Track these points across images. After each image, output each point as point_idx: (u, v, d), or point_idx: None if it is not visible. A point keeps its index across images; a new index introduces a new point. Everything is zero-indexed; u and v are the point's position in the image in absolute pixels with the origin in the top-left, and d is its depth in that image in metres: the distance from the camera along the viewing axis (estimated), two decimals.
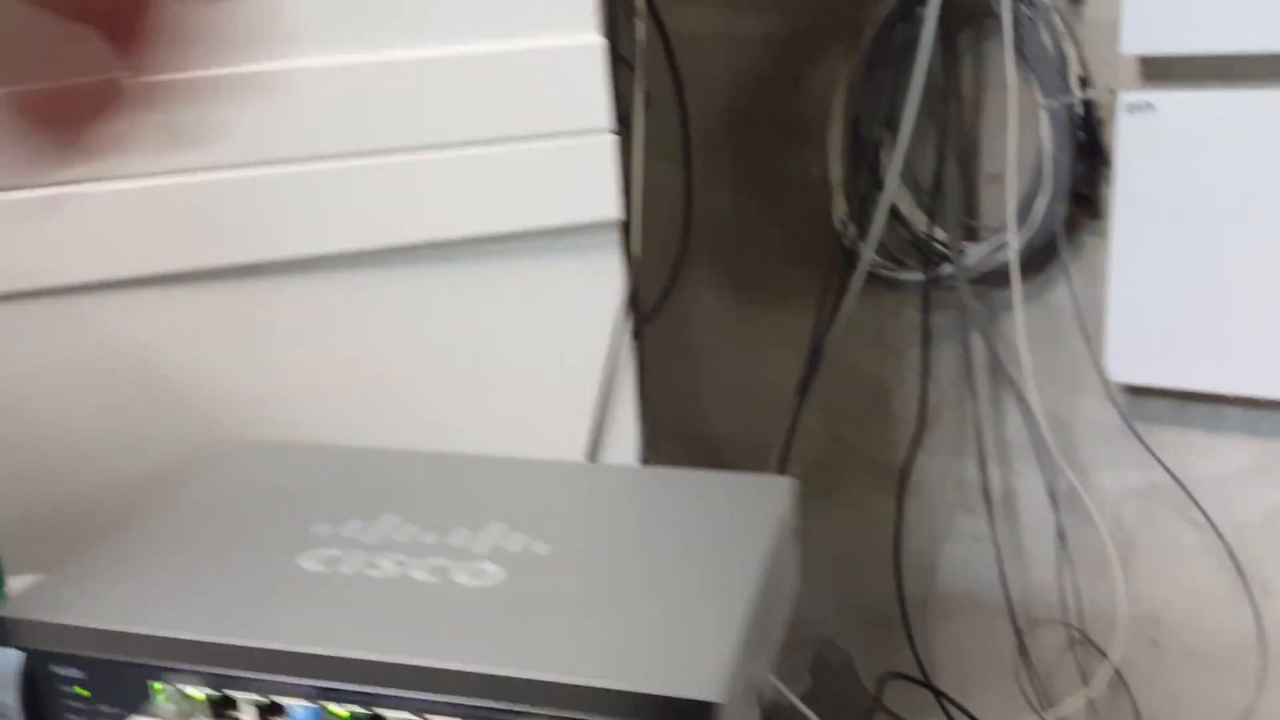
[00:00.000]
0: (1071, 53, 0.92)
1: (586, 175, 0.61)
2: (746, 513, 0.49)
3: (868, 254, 1.00)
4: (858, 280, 1.01)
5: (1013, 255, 0.95)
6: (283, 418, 0.63)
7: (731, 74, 1.11)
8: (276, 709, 0.40)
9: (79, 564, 0.48)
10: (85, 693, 0.42)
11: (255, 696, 0.40)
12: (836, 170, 1.03)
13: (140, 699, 0.41)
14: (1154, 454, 0.96)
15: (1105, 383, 0.98)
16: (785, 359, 1.10)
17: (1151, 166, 0.88)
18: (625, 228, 0.64)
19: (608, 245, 0.64)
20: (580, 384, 0.65)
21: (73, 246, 0.58)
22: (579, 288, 0.64)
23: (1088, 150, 0.94)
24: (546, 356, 0.65)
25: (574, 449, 0.66)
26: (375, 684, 0.39)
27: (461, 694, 0.38)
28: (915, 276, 1.01)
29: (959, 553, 1.12)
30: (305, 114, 0.59)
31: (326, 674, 0.39)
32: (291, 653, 0.40)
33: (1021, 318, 0.97)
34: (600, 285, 0.64)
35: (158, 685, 0.41)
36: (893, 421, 1.12)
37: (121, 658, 0.41)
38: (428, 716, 0.38)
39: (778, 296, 1.13)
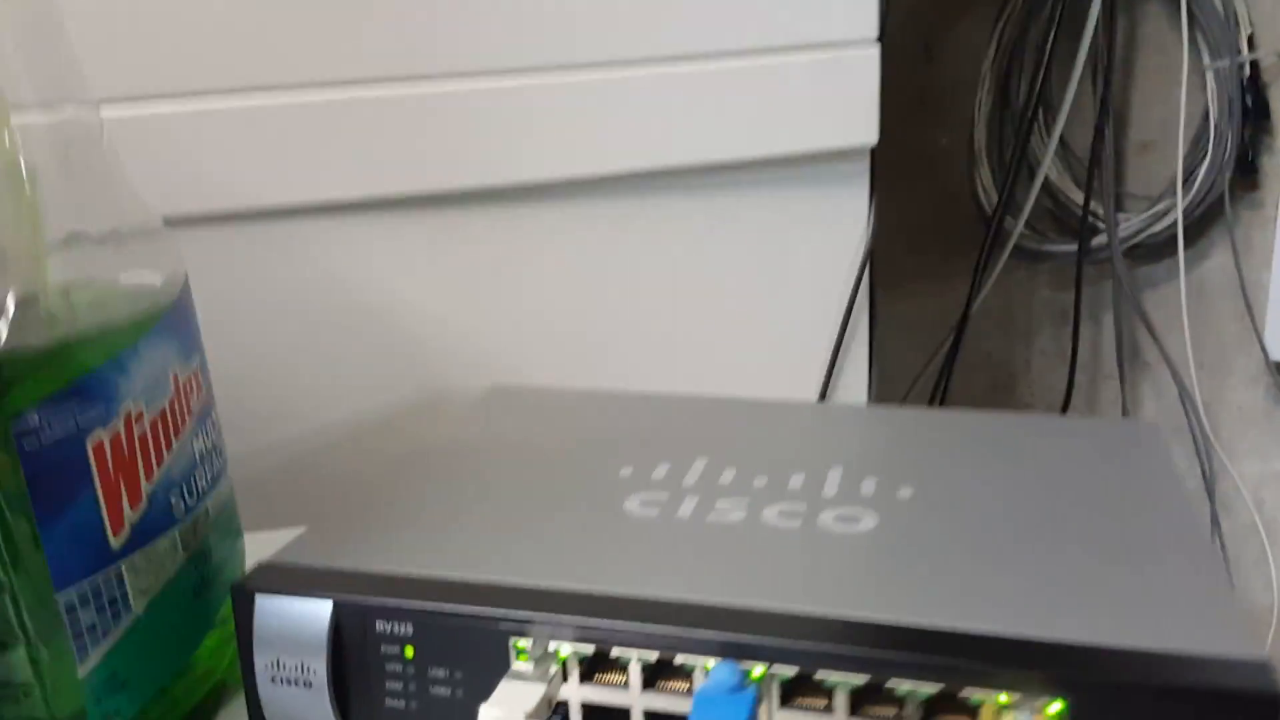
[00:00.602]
0: (1242, 10, 0.88)
1: (847, 93, 0.55)
2: (1133, 460, 0.43)
3: (1018, 225, 0.95)
4: (1001, 254, 0.96)
5: (1180, 225, 0.90)
6: (503, 358, 0.57)
7: None
8: (667, 667, 0.33)
9: (372, 511, 0.41)
10: (410, 653, 0.35)
11: (642, 653, 0.33)
12: (981, 137, 0.98)
13: (480, 658, 0.34)
14: None
15: (1262, 362, 0.94)
16: (911, 344, 1.05)
17: None
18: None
19: (855, 175, 0.58)
20: (816, 325, 0.59)
21: (287, 164, 0.51)
22: (824, 219, 0.57)
23: (1252, 115, 0.90)
24: (783, 294, 0.58)
25: (806, 391, 0.60)
26: (787, 637, 0.32)
27: (916, 650, 0.31)
28: (1068, 248, 0.96)
29: None
30: (541, 19, 0.52)
31: (731, 626, 0.32)
32: (689, 604, 0.33)
33: (1184, 291, 0.93)
34: (845, 218, 0.58)
35: (521, 643, 0.34)
36: (1028, 406, 1.07)
37: (472, 609, 0.34)
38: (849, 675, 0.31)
39: (902, 278, 1.08)
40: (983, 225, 0.98)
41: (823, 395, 0.60)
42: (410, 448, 0.46)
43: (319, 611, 0.35)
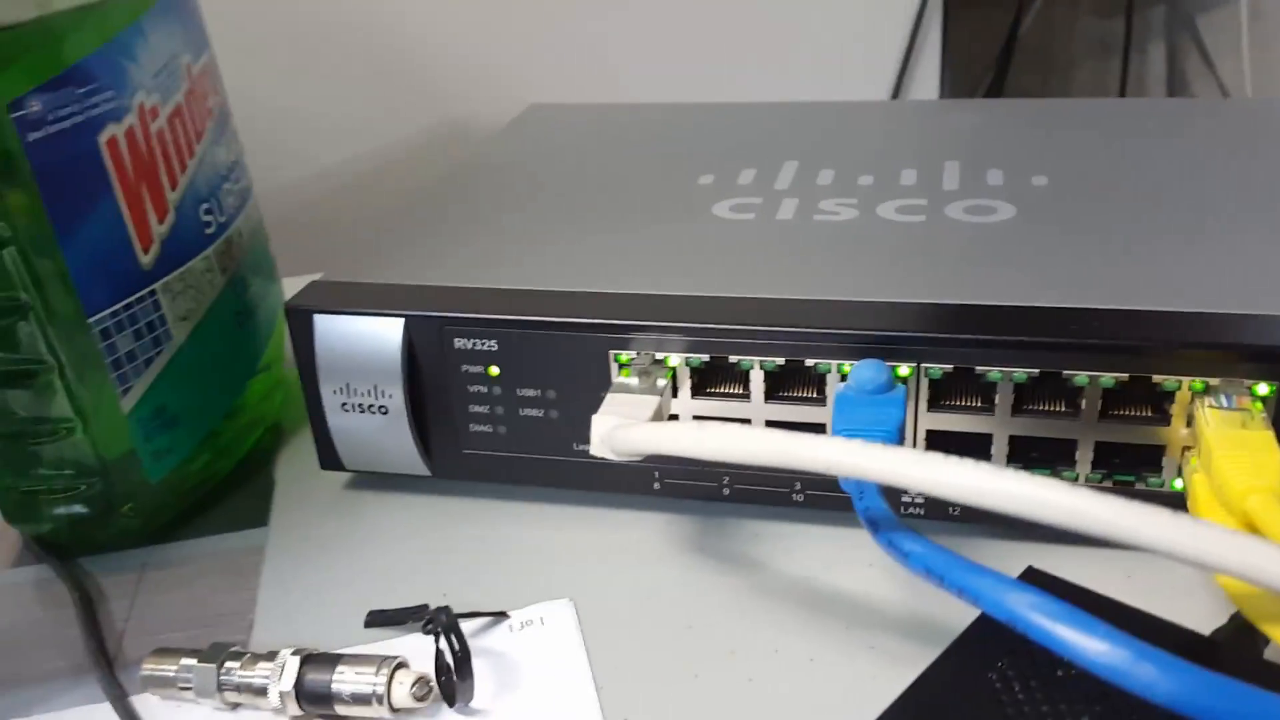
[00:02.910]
0: None
1: None
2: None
3: None
4: None
5: None
6: (531, 83, 0.51)
7: None
8: (795, 373, 0.29)
9: (429, 228, 0.36)
10: (495, 372, 0.31)
11: (765, 358, 0.29)
12: None
13: (575, 376, 0.30)
14: None
15: None
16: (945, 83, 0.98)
17: None
18: None
19: None
20: (889, 24, 0.53)
21: None
22: None
23: None
24: None
25: (879, 91, 0.54)
26: (939, 329, 0.28)
27: (1097, 334, 0.27)
28: None
29: None
30: None
31: (869, 322, 0.28)
32: (816, 300, 0.29)
33: (1245, 9, 0.85)
34: None
35: (624, 355, 0.30)
36: None
37: (565, 318, 0.30)
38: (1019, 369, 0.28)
39: None
40: None
41: (895, 94, 0.54)
42: (454, 168, 0.41)
43: (389, 329, 0.31)
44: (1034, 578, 0.23)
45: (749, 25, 0.55)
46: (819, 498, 0.30)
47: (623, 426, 0.26)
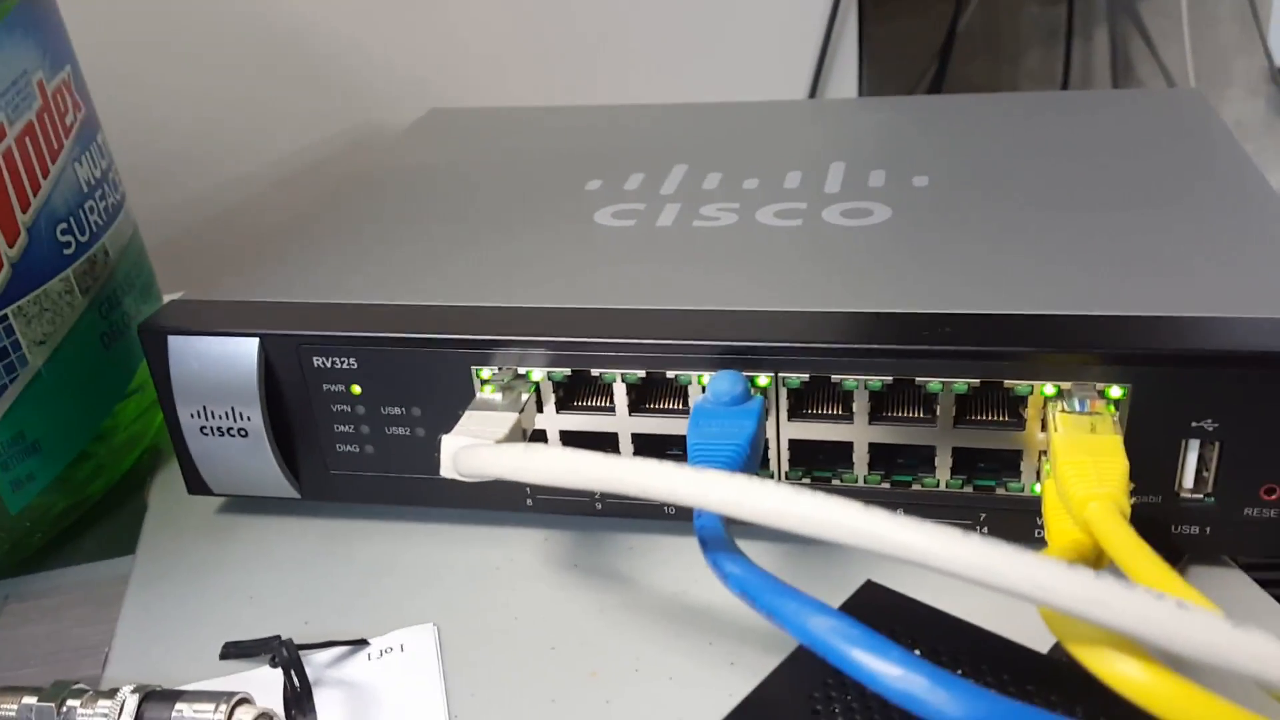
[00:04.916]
0: None
1: None
2: (1177, 124, 0.38)
3: None
4: None
5: None
6: (436, 86, 0.50)
7: None
8: (657, 385, 0.28)
9: (299, 243, 0.36)
10: (358, 390, 0.30)
11: (627, 370, 0.28)
12: None
13: (438, 392, 0.29)
14: None
15: (1263, 71, 0.88)
16: (891, 70, 0.97)
17: None
18: None
19: None
20: (803, 21, 0.52)
21: None
22: None
23: None
24: None
25: (797, 91, 0.54)
26: (795, 339, 0.27)
27: (949, 340, 0.26)
28: None
29: None
30: None
31: (729, 332, 0.27)
32: (679, 311, 0.29)
33: None
34: None
35: (485, 371, 0.29)
36: None
37: (422, 334, 0.29)
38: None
39: None
40: None
41: (812, 93, 0.54)
42: (340, 178, 0.40)
43: (244, 349, 0.30)
44: (870, 592, 0.23)
45: (662, 24, 0.54)
46: (689, 511, 0.30)
47: (468, 448, 0.26)
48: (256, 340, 0.30)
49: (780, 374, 0.27)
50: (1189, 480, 0.26)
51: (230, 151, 0.52)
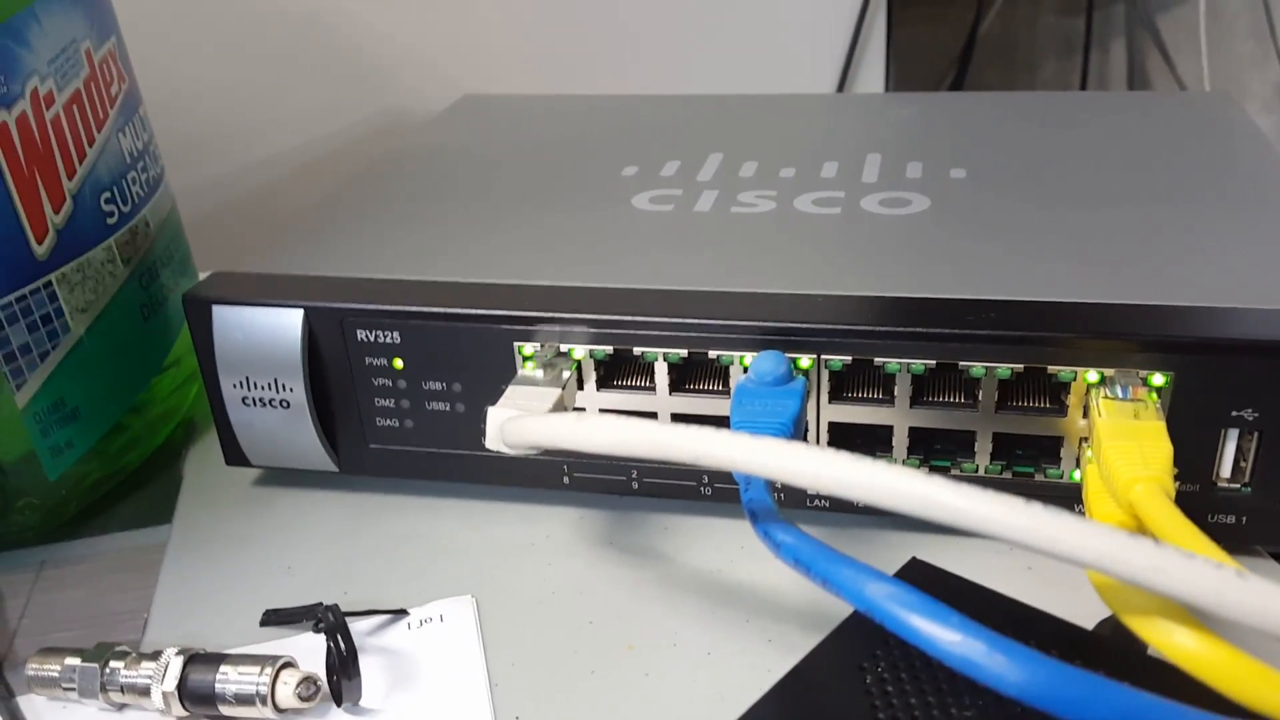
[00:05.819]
0: None
1: None
2: (1208, 125, 0.38)
3: None
4: None
5: None
6: (469, 74, 0.50)
7: None
8: (698, 365, 0.29)
9: (341, 219, 0.36)
10: (400, 364, 0.30)
11: (669, 350, 0.28)
12: None
13: (480, 368, 0.30)
14: None
15: (1277, 85, 0.88)
16: (910, 77, 0.97)
17: None
18: None
19: None
20: (834, 18, 0.52)
21: None
22: None
23: None
24: None
25: (826, 85, 0.54)
26: (839, 321, 0.28)
27: (994, 325, 0.27)
28: None
29: None
30: None
31: (772, 313, 0.28)
32: (721, 292, 0.29)
33: (1203, 7, 0.86)
34: None
35: (527, 348, 0.29)
36: None
37: (467, 309, 0.29)
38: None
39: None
40: None
41: (840, 88, 0.54)
42: (377, 158, 0.41)
43: (288, 321, 0.30)
44: (916, 569, 0.23)
45: (692, 16, 0.55)
46: (726, 491, 0.30)
47: (514, 419, 0.26)
48: (301, 312, 0.30)
49: (823, 356, 0.27)
50: (1226, 469, 0.26)
51: (259, 135, 0.53)
